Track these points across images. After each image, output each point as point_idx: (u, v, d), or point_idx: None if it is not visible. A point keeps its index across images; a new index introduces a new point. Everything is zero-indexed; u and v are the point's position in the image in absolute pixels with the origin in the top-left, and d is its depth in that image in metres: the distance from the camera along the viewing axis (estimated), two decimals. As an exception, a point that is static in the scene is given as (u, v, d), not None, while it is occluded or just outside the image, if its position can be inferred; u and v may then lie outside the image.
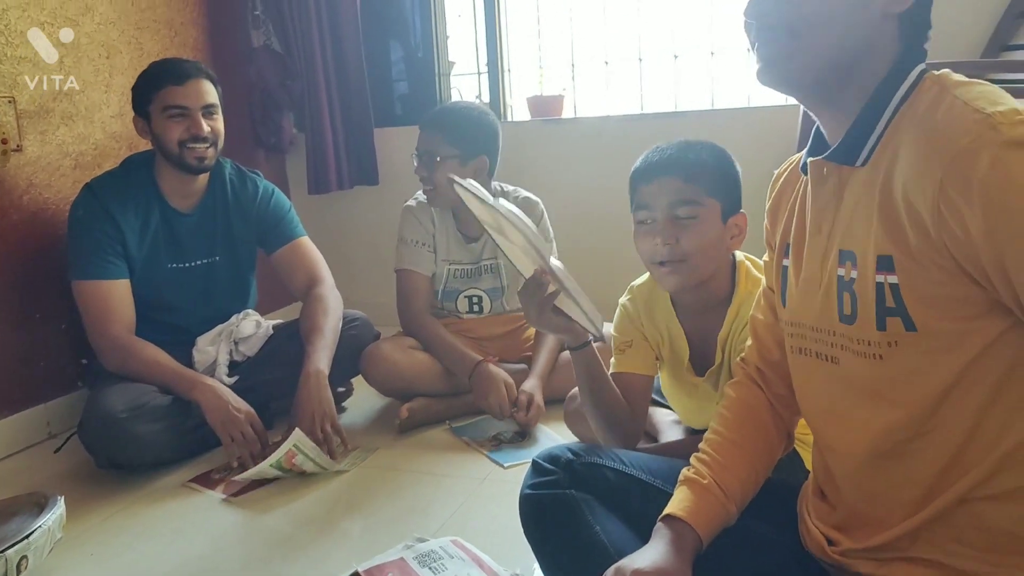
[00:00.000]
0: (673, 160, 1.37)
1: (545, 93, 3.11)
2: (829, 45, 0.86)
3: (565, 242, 2.51)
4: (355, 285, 2.92)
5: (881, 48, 0.88)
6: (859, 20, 0.86)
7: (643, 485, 1.17)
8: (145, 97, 2.10)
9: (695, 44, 3.00)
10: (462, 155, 2.22)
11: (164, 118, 2.08)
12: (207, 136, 2.10)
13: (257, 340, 2.25)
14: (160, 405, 1.97)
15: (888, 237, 0.84)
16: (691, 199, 1.34)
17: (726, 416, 1.13)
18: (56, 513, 1.56)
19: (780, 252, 1.06)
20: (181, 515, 1.80)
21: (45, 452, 2.19)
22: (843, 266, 0.90)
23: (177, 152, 2.09)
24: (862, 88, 0.89)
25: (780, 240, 1.07)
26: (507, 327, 2.45)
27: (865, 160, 0.88)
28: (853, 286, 0.89)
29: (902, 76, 0.87)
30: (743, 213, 1.41)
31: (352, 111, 3.19)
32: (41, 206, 2.32)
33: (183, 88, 2.08)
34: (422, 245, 2.33)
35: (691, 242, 1.34)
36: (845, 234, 0.91)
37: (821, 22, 0.85)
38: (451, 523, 1.68)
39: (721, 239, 1.37)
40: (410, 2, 3.38)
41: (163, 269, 2.18)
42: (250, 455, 1.95)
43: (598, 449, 1.21)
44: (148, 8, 2.67)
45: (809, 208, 0.98)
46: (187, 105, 2.08)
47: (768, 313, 1.14)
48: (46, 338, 2.32)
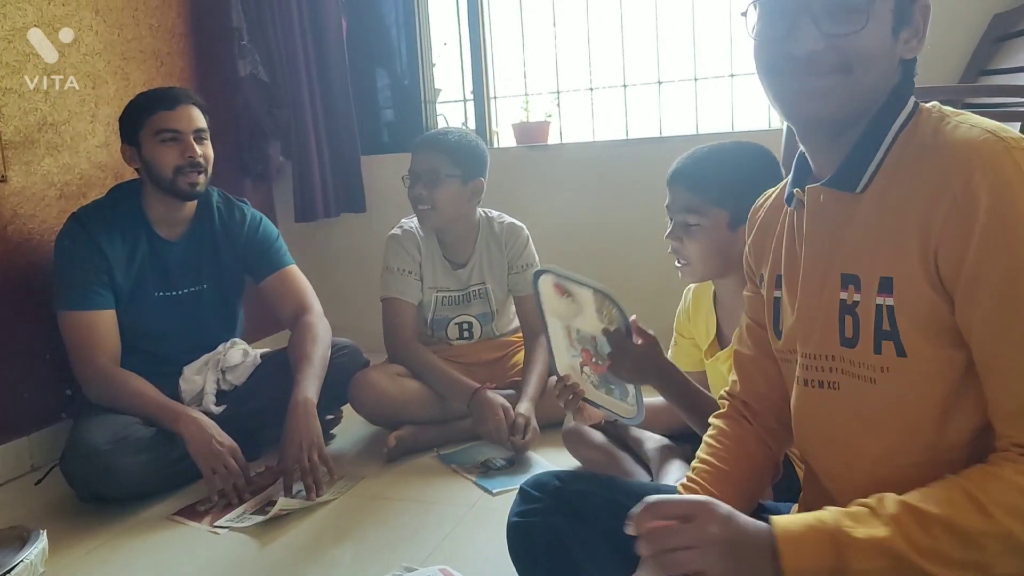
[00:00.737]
0: (685, 170, 1.47)
1: (530, 120, 3.14)
2: (872, 82, 0.90)
3: (552, 267, 2.51)
4: (343, 312, 2.91)
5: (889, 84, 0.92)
6: (890, 60, 0.91)
7: (627, 510, 1.16)
8: (135, 124, 2.10)
9: (679, 71, 3.03)
10: (463, 175, 2.24)
11: (156, 143, 2.08)
12: (199, 160, 2.11)
13: (245, 369, 2.24)
14: (143, 437, 1.95)
15: (891, 259, 0.87)
16: (695, 208, 1.44)
17: (714, 446, 1.13)
18: (38, 547, 1.54)
19: (771, 284, 1.07)
20: (165, 548, 1.77)
21: (27, 485, 2.16)
22: (845, 290, 0.92)
23: (170, 178, 2.09)
24: (863, 119, 0.92)
25: (770, 273, 1.08)
26: (496, 353, 2.45)
27: (865, 186, 0.91)
28: (856, 309, 0.90)
29: (899, 105, 0.91)
30: None
31: (339, 139, 3.20)
32: (26, 236, 2.31)
33: (175, 113, 2.09)
34: (408, 273, 2.33)
35: (692, 248, 1.46)
36: (848, 258, 0.92)
37: (870, 61, 0.89)
38: (439, 551, 1.66)
39: (730, 245, 1.43)
40: (396, 30, 3.41)
41: (150, 298, 2.17)
42: (233, 487, 1.93)
43: (584, 475, 1.21)
44: (134, 39, 2.69)
45: (803, 237, 0.99)
46: (179, 129, 2.09)
47: (753, 347, 1.14)
48: (29, 369, 2.30)
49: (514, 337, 2.50)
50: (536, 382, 2.24)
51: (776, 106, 0.97)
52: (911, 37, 0.91)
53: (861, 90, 0.90)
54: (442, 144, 2.26)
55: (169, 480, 2.02)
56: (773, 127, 2.82)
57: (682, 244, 1.47)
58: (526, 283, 2.38)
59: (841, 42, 0.88)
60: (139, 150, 2.11)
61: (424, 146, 2.28)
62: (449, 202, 2.25)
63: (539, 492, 1.17)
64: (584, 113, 3.19)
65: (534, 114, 3.16)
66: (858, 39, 0.87)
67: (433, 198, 2.24)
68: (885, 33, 0.89)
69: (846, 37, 0.87)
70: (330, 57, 3.13)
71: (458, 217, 2.30)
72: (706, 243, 1.46)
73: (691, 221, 1.45)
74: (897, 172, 0.89)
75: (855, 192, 0.92)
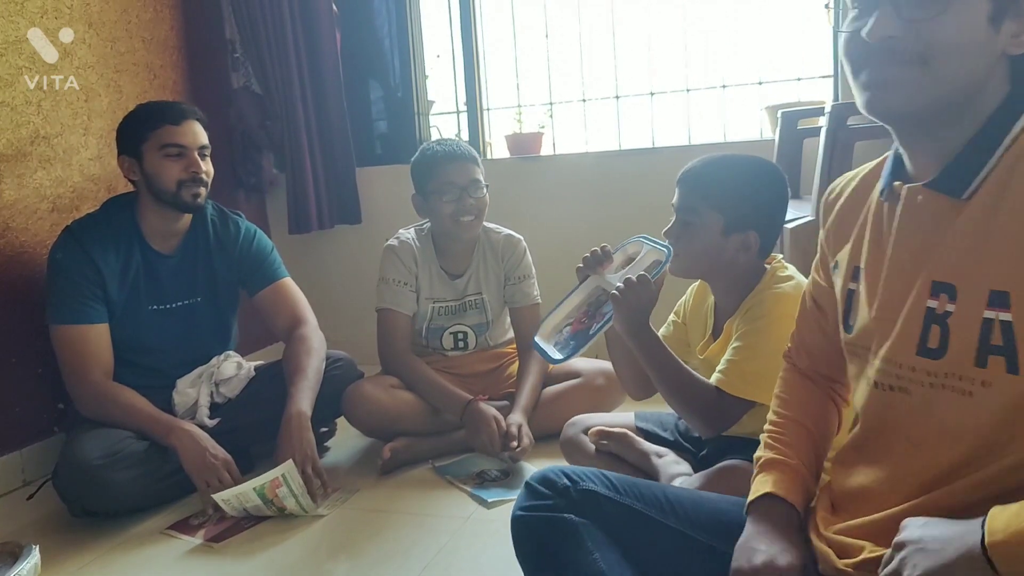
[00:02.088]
0: (694, 171, 1.56)
1: (524, 131, 3.14)
2: (956, 76, 0.84)
3: (546, 278, 2.51)
4: (337, 324, 2.91)
5: (993, 85, 0.87)
6: (985, 54, 0.84)
7: (637, 515, 1.15)
8: (138, 136, 2.10)
9: (671, 82, 3.05)
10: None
11: (160, 157, 2.08)
12: (202, 176, 2.11)
13: (239, 382, 2.23)
14: (136, 452, 1.94)
15: (1006, 273, 0.82)
16: (693, 208, 1.53)
17: (785, 399, 1.17)
18: (31, 562, 1.53)
19: (847, 275, 1.03)
20: (159, 562, 1.76)
21: (19, 500, 2.14)
22: (936, 298, 0.88)
23: (174, 191, 2.09)
24: (968, 122, 0.87)
25: (848, 263, 1.04)
26: (491, 364, 2.45)
27: (972, 193, 0.86)
28: (947, 319, 0.86)
29: (1015, 114, 0.86)
30: (753, 233, 1.52)
31: (333, 150, 3.20)
32: (18, 249, 2.30)
33: (180, 128, 2.09)
34: (403, 284, 2.34)
35: (683, 244, 1.54)
36: (942, 265, 0.88)
37: (953, 51, 0.83)
38: (435, 563, 1.65)
39: (720, 250, 1.52)
40: (389, 42, 3.42)
41: (143, 311, 2.16)
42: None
43: (591, 475, 1.19)
44: (127, 51, 2.69)
45: (891, 233, 0.95)
46: (185, 144, 2.09)
47: (818, 333, 1.16)
48: (21, 383, 2.29)
49: (509, 348, 2.49)
50: (529, 393, 2.24)
51: (857, 102, 0.91)
52: (1021, 31, 0.84)
53: (945, 85, 0.84)
54: (472, 155, 2.29)
55: (162, 494, 2.01)
56: (765, 137, 2.83)
57: (677, 241, 1.55)
58: (523, 294, 2.38)
59: (921, 28, 0.82)
60: (140, 162, 2.10)
61: (458, 157, 2.27)
62: (485, 210, 2.29)
63: (548, 489, 1.15)
64: (577, 124, 3.21)
65: (527, 125, 3.17)
66: (939, 24, 0.81)
67: (478, 207, 2.27)
68: (976, 21, 0.82)
69: (926, 22, 0.81)
70: (324, 69, 3.14)
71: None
72: (698, 243, 1.53)
73: (689, 219, 1.53)
74: (1012, 181, 0.83)
75: (961, 198, 0.86)
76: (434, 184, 2.25)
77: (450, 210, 2.24)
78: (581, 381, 2.29)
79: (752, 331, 1.50)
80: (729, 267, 1.56)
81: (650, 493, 1.19)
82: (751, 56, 2.95)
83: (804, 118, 2.53)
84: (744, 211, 1.52)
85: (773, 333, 1.45)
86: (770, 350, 1.44)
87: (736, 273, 1.57)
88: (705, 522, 1.15)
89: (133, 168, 2.12)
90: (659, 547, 1.13)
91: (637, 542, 1.11)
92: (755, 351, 1.47)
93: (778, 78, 2.94)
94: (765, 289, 1.54)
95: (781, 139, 2.56)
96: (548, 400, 2.27)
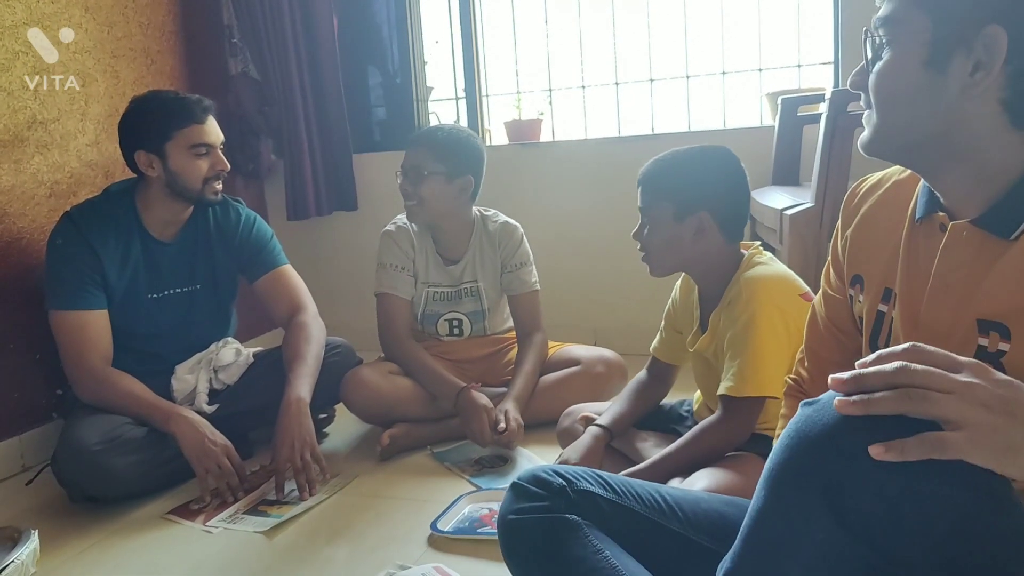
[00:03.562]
0: (644, 172, 1.66)
1: (523, 118, 3.14)
2: (900, 121, 0.87)
3: (545, 265, 2.51)
4: (335, 310, 2.91)
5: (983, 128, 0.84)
6: (930, 100, 0.84)
7: (638, 517, 1.12)
8: (162, 134, 2.06)
9: (671, 68, 3.04)
10: (448, 172, 2.23)
11: (190, 156, 2.08)
12: (225, 171, 2.15)
13: (237, 368, 2.23)
14: (135, 437, 1.95)
15: None
16: (645, 204, 1.63)
17: None
18: (30, 547, 1.54)
19: (875, 295, 1.00)
20: (158, 547, 1.77)
21: (18, 485, 2.15)
22: (986, 336, 0.86)
23: (199, 188, 2.10)
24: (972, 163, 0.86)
25: (875, 282, 1.01)
26: (487, 349, 2.45)
27: (1020, 235, 0.84)
28: (1001, 359, 0.84)
29: None
30: (704, 213, 1.57)
31: (330, 137, 3.19)
32: (15, 235, 2.29)
33: (206, 127, 2.11)
34: (401, 269, 2.33)
35: (647, 239, 1.64)
36: (991, 304, 0.86)
37: (888, 98, 0.87)
38: (433, 549, 1.66)
39: (678, 237, 1.60)
40: (387, 28, 3.41)
41: (142, 298, 2.16)
42: (227, 486, 1.92)
43: (585, 474, 1.15)
44: (124, 37, 2.67)
45: (931, 261, 0.92)
46: (211, 143, 2.11)
47: (837, 351, 1.10)
48: (20, 369, 2.29)
49: (507, 335, 2.49)
50: (523, 382, 2.24)
51: None
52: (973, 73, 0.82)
53: (895, 130, 0.86)
54: (428, 141, 2.26)
55: (161, 480, 2.01)
56: (765, 124, 2.82)
57: (644, 240, 1.64)
58: (520, 282, 2.38)
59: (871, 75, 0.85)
60: (164, 160, 2.08)
61: (412, 142, 2.29)
62: (434, 198, 2.25)
63: (541, 489, 1.12)
64: (576, 111, 3.20)
65: (526, 112, 3.16)
66: (877, 73, 0.84)
67: (418, 194, 2.24)
68: (909, 68, 0.84)
69: (872, 72, 0.84)
70: (322, 55, 3.13)
71: (447, 213, 2.30)
72: (657, 236, 1.62)
73: (647, 216, 1.63)
74: None
75: (1008, 239, 0.85)
76: None
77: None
78: (580, 369, 2.29)
79: (738, 335, 1.53)
80: (697, 254, 1.61)
81: (648, 495, 1.15)
82: (751, 42, 2.94)
83: (804, 104, 2.52)
84: (690, 194, 1.59)
85: (760, 325, 1.50)
86: (761, 343, 1.49)
87: (708, 260, 1.63)
88: (707, 525, 1.12)
89: (153, 164, 2.09)
90: (660, 550, 1.10)
91: (638, 545, 1.08)
92: (748, 351, 1.50)
93: (778, 65, 2.93)
94: (740, 276, 1.58)
95: (781, 126, 2.56)
96: (546, 388, 2.27)
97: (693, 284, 1.73)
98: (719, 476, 1.48)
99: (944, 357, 0.72)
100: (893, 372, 0.71)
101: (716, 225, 1.59)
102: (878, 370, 0.71)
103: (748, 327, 1.51)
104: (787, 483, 0.78)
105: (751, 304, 1.51)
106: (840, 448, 0.73)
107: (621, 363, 2.31)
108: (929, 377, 0.70)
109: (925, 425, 0.70)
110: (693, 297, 1.73)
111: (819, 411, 0.76)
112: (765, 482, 0.80)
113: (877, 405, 0.70)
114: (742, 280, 1.56)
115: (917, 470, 0.69)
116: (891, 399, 0.70)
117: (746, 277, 1.56)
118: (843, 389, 0.72)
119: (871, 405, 0.71)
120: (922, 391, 0.70)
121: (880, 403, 0.70)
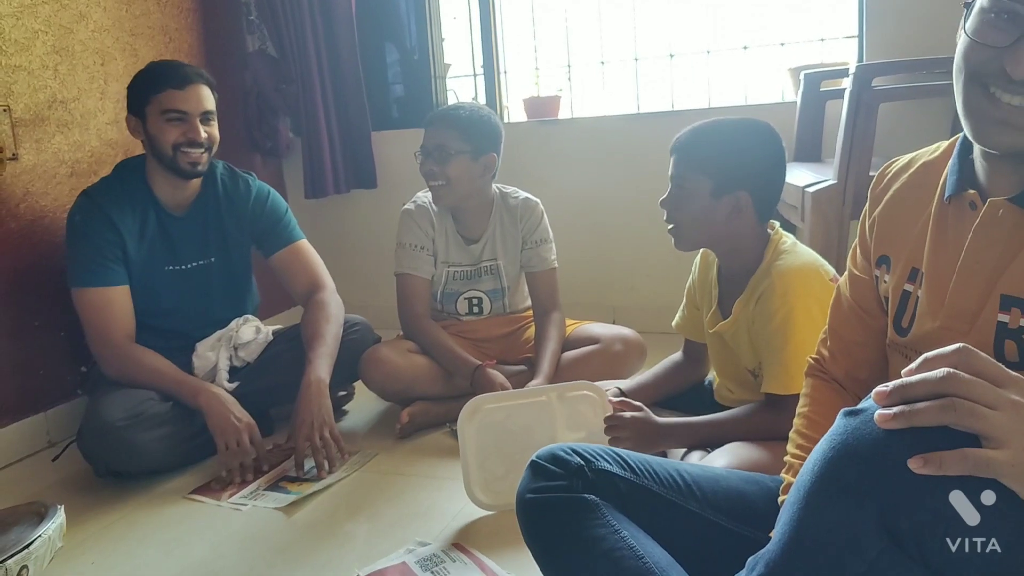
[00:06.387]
0: (682, 138, 1.58)
1: (541, 94, 3.11)
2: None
3: (563, 242, 2.50)
4: (353, 289, 2.91)
5: None
6: None
7: (656, 497, 1.11)
8: (142, 97, 2.09)
9: (691, 43, 3.00)
10: (473, 151, 2.22)
11: (162, 120, 2.07)
12: (203, 142, 2.10)
13: (257, 346, 2.24)
14: (159, 412, 1.97)
15: None
16: (682, 174, 1.56)
17: (812, 419, 1.10)
18: (56, 522, 1.56)
19: (901, 274, 1.00)
20: (182, 523, 1.79)
21: (45, 461, 2.18)
22: (1007, 312, 0.86)
23: (171, 155, 2.08)
24: None
25: (902, 262, 1.00)
26: (507, 328, 2.45)
27: None
28: (1022, 335, 0.84)
29: None
30: (743, 192, 1.52)
31: (348, 114, 3.18)
32: (38, 214, 2.31)
33: (184, 93, 2.07)
34: (421, 249, 2.33)
35: (677, 212, 1.57)
36: (1016, 280, 0.86)
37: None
38: (452, 526, 1.67)
39: (712, 213, 1.54)
40: (405, 5, 3.38)
41: (160, 272, 2.17)
42: (242, 466, 1.95)
43: (603, 453, 1.14)
44: (142, 14, 2.67)
45: (963, 241, 0.92)
46: (187, 110, 2.07)
47: (860, 331, 1.09)
48: (45, 346, 2.32)
49: (526, 313, 2.49)
50: (551, 359, 2.23)
51: (964, 120, 0.88)
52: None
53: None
54: (452, 119, 2.25)
55: (185, 455, 2.03)
56: (787, 99, 2.78)
57: (673, 210, 1.58)
58: (540, 259, 2.37)
59: None
60: (144, 123, 2.10)
61: (434, 121, 2.27)
62: (461, 178, 2.24)
63: (559, 468, 1.11)
64: (595, 87, 3.17)
65: (545, 88, 3.13)
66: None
67: (446, 174, 2.23)
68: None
69: None
70: (339, 32, 3.11)
71: (471, 193, 2.29)
72: (690, 209, 1.55)
73: (680, 186, 1.56)
74: None
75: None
76: None
77: None
78: (600, 347, 2.28)
79: (777, 331, 1.50)
80: (729, 233, 1.56)
81: (666, 473, 1.14)
82: (774, 17, 2.89)
83: (827, 79, 2.48)
84: (731, 172, 1.53)
85: (798, 319, 1.47)
86: (802, 338, 1.45)
87: (737, 240, 1.58)
88: (726, 505, 1.12)
89: (138, 128, 2.12)
90: (679, 530, 1.10)
91: (656, 525, 1.08)
92: (790, 347, 1.48)
93: (801, 39, 2.88)
94: (770, 266, 1.53)
95: (803, 101, 2.52)
96: (565, 365, 2.27)
97: (712, 261, 1.70)
98: (743, 452, 1.48)
99: (993, 367, 0.69)
100: (939, 380, 0.68)
101: (753, 206, 1.54)
102: (923, 378, 0.69)
103: (787, 323, 1.48)
104: (833, 497, 0.74)
105: (788, 298, 1.48)
106: (895, 464, 0.70)
107: (640, 341, 2.30)
108: (977, 389, 0.67)
109: (970, 438, 0.68)
110: (711, 275, 1.70)
111: (866, 423, 0.72)
112: (806, 493, 0.76)
113: (919, 416, 0.68)
114: (773, 273, 1.51)
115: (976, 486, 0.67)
116: (935, 410, 0.68)
117: (778, 270, 1.51)
118: (886, 403, 0.70)
119: (913, 417, 0.68)
120: (969, 404, 0.67)
121: (923, 414, 0.68)
